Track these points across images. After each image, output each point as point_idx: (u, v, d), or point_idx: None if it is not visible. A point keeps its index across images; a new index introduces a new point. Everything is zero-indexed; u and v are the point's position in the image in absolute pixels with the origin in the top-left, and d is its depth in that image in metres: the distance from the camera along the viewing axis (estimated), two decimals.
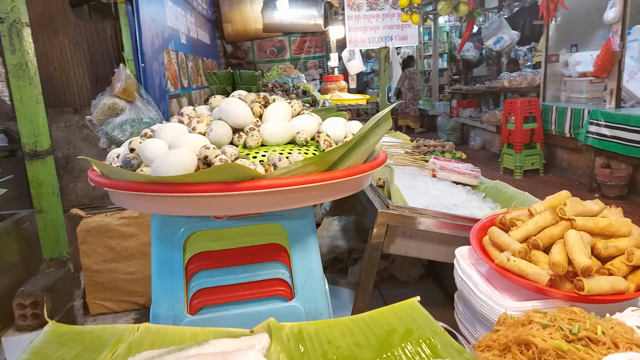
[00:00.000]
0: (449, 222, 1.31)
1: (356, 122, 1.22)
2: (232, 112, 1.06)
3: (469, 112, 8.55)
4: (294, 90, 2.70)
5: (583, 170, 5.77)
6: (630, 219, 1.39)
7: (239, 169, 0.85)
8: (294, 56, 10.31)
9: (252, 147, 1.05)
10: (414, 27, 3.94)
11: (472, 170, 1.91)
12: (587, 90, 6.03)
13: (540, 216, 1.07)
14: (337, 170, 0.93)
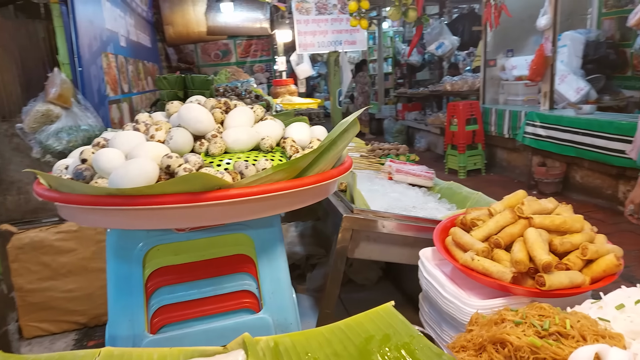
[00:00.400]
0: (412, 224, 1.33)
1: (320, 127, 1.21)
2: (193, 119, 1.01)
3: (414, 115, 8.80)
4: (247, 95, 2.65)
5: (521, 168, 6.10)
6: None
7: (206, 178, 0.81)
8: (240, 60, 10.18)
9: (216, 154, 1.01)
10: (363, 32, 4.00)
11: (426, 172, 1.96)
12: (523, 93, 6.38)
13: (500, 215, 1.11)
14: (307, 177, 0.92)
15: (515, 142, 5.97)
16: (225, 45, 10.19)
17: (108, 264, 0.98)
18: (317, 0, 4.08)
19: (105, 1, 4.07)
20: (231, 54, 10.28)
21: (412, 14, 2.39)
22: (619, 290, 0.86)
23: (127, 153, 0.93)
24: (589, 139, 4.68)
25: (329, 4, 4.05)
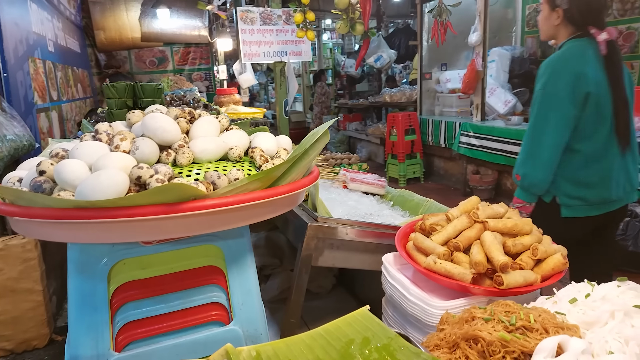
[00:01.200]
0: (373, 231, 1.37)
1: (285, 137, 1.22)
2: (159, 129, 0.99)
3: (355, 126, 9.02)
4: (195, 104, 2.60)
5: (457, 176, 6.44)
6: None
7: (182, 189, 0.80)
8: (177, 67, 9.92)
9: (184, 165, 0.99)
10: (308, 43, 4.06)
11: (379, 180, 2.03)
12: (457, 105, 6.76)
13: (458, 220, 1.18)
14: (281, 186, 0.93)
15: (451, 151, 6.30)
16: (161, 52, 9.90)
17: (70, 281, 0.93)
18: (262, 11, 4.09)
19: (32, 3, 3.84)
20: (168, 61, 9.99)
21: (359, 28, 2.47)
22: (569, 285, 0.95)
23: (90, 164, 0.89)
24: (518, 148, 5.02)
25: (274, 15, 4.08)
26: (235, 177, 0.94)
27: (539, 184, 1.82)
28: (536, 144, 1.79)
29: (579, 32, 1.83)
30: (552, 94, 1.77)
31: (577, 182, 1.84)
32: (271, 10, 4.12)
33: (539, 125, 1.80)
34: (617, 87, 1.80)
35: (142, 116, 1.11)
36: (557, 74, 1.77)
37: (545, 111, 1.78)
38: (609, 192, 1.81)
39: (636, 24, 5.25)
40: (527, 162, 1.81)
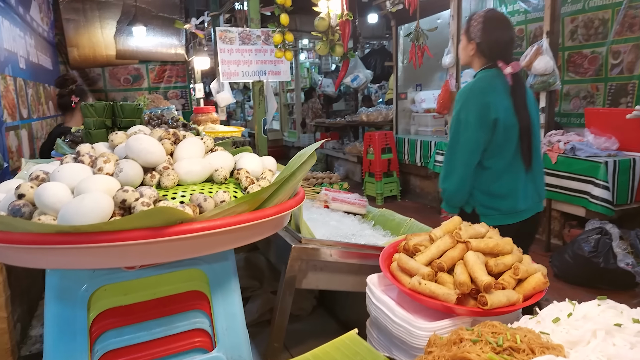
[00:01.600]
0: (357, 252, 1.37)
1: (270, 158, 1.23)
2: (144, 151, 0.98)
3: (332, 144, 9.09)
4: (174, 123, 2.57)
5: (433, 195, 6.54)
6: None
7: (169, 212, 0.79)
8: (153, 85, 9.84)
9: (168, 187, 0.98)
10: (287, 63, 4.09)
11: (360, 200, 2.04)
12: (432, 125, 6.90)
13: (441, 241, 1.20)
14: (268, 208, 0.92)
15: (427, 170, 6.40)
16: (136, 69, 9.81)
17: (48, 307, 0.89)
18: (241, 31, 4.12)
19: (4, 19, 3.77)
20: (143, 79, 9.90)
21: (339, 50, 2.52)
22: (551, 305, 0.97)
23: (73, 187, 0.87)
24: None
25: (253, 35, 4.11)
26: (221, 200, 0.93)
27: (456, 197, 2.12)
28: (452, 163, 2.09)
29: (489, 64, 2.13)
30: (464, 120, 2.05)
31: (490, 194, 2.11)
32: (250, 31, 4.15)
33: (453, 147, 2.09)
34: (521, 114, 2.07)
35: (125, 137, 1.09)
36: (468, 103, 2.06)
37: (458, 135, 2.07)
38: (517, 203, 2.10)
39: (600, 48, 5.50)
40: (446, 179, 2.11)
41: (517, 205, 2.11)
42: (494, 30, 2.13)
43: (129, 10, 8.94)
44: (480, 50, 2.14)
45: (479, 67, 2.19)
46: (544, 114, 4.76)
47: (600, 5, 5.43)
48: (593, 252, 3.71)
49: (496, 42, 2.13)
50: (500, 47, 2.13)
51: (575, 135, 4.50)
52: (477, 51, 2.15)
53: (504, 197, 2.10)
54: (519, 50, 6.69)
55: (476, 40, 2.13)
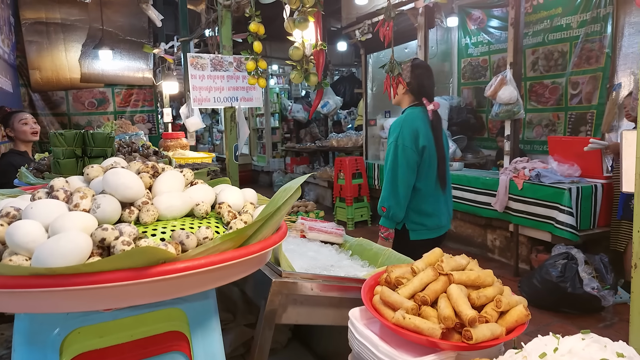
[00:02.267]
0: (338, 285, 1.35)
1: (250, 190, 1.21)
2: (122, 185, 0.94)
3: (303, 169, 9.12)
4: (144, 150, 2.52)
5: None
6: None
7: (151, 252, 0.75)
8: (119, 109, 9.68)
9: (148, 223, 0.94)
10: (259, 90, 4.11)
11: (337, 229, 2.03)
12: None
13: (424, 273, 1.19)
14: (253, 245, 0.90)
15: None
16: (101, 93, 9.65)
17: (16, 353, 0.83)
18: (213, 57, 4.12)
19: None
20: (108, 102, 9.73)
21: (314, 79, 2.54)
22: (536, 339, 0.97)
23: (48, 225, 0.83)
24: (460, 192, 5.27)
25: (225, 62, 4.12)
26: (204, 236, 0.91)
27: (398, 213, 2.47)
28: (394, 183, 2.46)
29: (416, 101, 2.62)
30: (401, 145, 2.46)
31: (419, 212, 2.52)
32: (222, 57, 4.16)
33: (394, 169, 2.48)
34: (439, 144, 2.53)
35: (101, 171, 1.05)
36: (404, 131, 2.48)
37: (397, 158, 2.47)
38: (441, 220, 2.58)
39: (560, 79, 5.79)
40: (390, 198, 2.48)
41: (440, 222, 2.58)
42: (420, 74, 2.63)
43: (95, 34, 8.82)
44: (410, 90, 2.62)
45: (408, 104, 2.66)
46: (509, 141, 4.94)
47: (559, 38, 5.74)
48: (560, 277, 3.82)
49: (422, 83, 2.62)
50: (425, 87, 2.63)
51: (540, 162, 4.67)
52: (407, 90, 2.63)
53: (430, 215, 2.54)
54: (483, 79, 6.97)
55: (406, 80, 2.60)
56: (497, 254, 5.26)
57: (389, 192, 2.49)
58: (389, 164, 2.52)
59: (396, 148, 2.49)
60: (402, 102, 2.71)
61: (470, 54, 7.09)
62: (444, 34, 7.48)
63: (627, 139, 1.02)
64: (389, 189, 2.49)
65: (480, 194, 5.04)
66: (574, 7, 5.52)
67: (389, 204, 2.47)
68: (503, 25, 6.47)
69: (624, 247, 4.08)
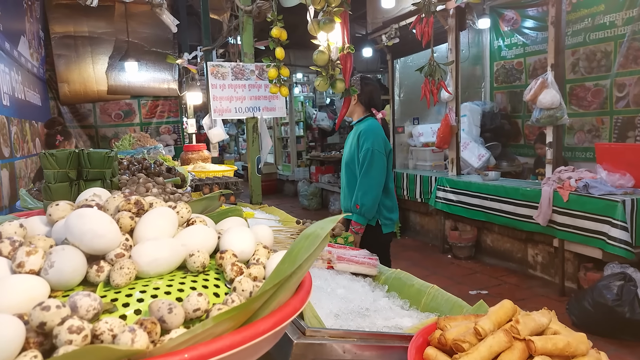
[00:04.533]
0: (376, 345, 1.07)
1: (264, 228, 0.94)
2: (89, 233, 0.69)
3: (327, 178, 8.85)
4: (157, 168, 2.30)
5: (435, 232, 6.24)
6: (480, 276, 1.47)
7: (104, 353, 0.50)
8: (145, 120, 9.66)
9: (121, 285, 0.69)
10: (282, 99, 3.88)
11: (370, 258, 1.75)
12: (431, 159, 6.69)
13: (493, 339, 0.90)
14: (263, 319, 0.63)
15: (427, 206, 6.13)
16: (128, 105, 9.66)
17: None
18: (234, 66, 3.92)
19: None
20: (134, 114, 9.73)
21: (340, 85, 2.29)
22: None
23: None
24: (498, 204, 4.90)
25: (246, 70, 3.90)
26: (195, 308, 0.64)
27: (371, 211, 2.80)
28: (369, 183, 2.78)
29: (367, 112, 2.98)
30: (377, 151, 2.81)
31: (388, 208, 2.93)
32: (243, 65, 3.95)
33: (369, 171, 2.79)
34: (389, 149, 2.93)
35: (69, 209, 0.81)
36: (377, 138, 2.83)
37: (373, 161, 2.79)
38: (398, 215, 3.05)
39: (603, 81, 5.37)
40: (364, 196, 2.77)
41: (397, 217, 3.05)
42: (369, 87, 2.98)
43: (121, 46, 8.84)
44: (360, 101, 2.95)
45: (360, 115, 3.00)
46: (551, 149, 4.55)
47: (602, 37, 5.33)
48: (617, 301, 3.41)
49: (372, 95, 2.98)
50: (374, 99, 2.99)
51: (587, 172, 4.27)
52: (358, 102, 2.95)
53: (394, 210, 2.98)
54: (518, 83, 6.58)
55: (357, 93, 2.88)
56: (539, 270, 4.85)
57: (363, 192, 2.78)
58: (365, 167, 2.79)
59: (373, 153, 2.78)
60: (355, 114, 3.02)
61: (503, 57, 6.71)
62: (475, 37, 7.13)
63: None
64: (363, 189, 2.78)
65: (520, 205, 4.66)
66: (619, 3, 5.10)
67: (363, 202, 2.76)
68: (539, 25, 6.08)
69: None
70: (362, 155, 2.81)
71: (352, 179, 3.03)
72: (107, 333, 0.57)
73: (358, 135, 2.90)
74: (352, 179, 3.03)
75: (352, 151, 2.98)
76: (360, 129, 2.91)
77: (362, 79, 2.99)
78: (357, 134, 2.95)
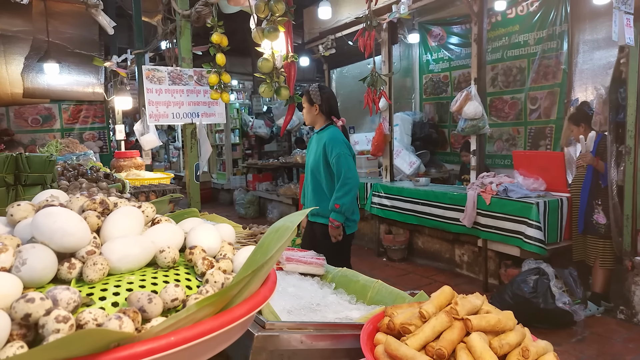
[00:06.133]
0: (331, 334, 1.15)
1: (227, 226, 0.99)
2: (60, 230, 0.71)
3: (265, 186, 8.84)
4: (93, 174, 2.23)
5: (370, 236, 6.47)
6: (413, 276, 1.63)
7: (98, 335, 0.53)
8: (67, 126, 9.12)
9: (94, 281, 0.71)
10: (222, 105, 3.87)
11: (317, 258, 1.82)
12: (366, 166, 6.93)
13: (436, 320, 1.01)
14: (238, 306, 0.68)
15: (363, 211, 6.34)
16: (47, 109, 9.06)
17: None
18: (171, 70, 3.86)
19: None
20: (55, 119, 9.15)
21: (285, 93, 2.36)
22: None
23: None
24: (428, 208, 5.19)
25: (185, 75, 3.86)
26: (173, 298, 0.68)
27: (350, 209, 3.02)
28: (349, 184, 2.98)
29: (328, 121, 3.16)
30: (347, 155, 3.02)
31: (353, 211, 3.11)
32: (181, 70, 3.90)
33: (348, 174, 2.98)
34: None
35: (31, 210, 0.81)
36: (343, 143, 3.04)
37: (349, 164, 3.00)
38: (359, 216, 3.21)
39: (519, 94, 5.89)
40: (344, 196, 2.97)
41: (359, 217, 3.22)
42: (328, 96, 3.14)
43: (40, 46, 8.27)
44: (321, 111, 3.13)
45: (322, 124, 3.17)
46: (475, 156, 4.92)
47: (517, 55, 5.85)
48: (532, 293, 3.76)
49: (330, 104, 3.14)
50: (333, 107, 3.17)
51: (506, 177, 4.66)
52: (320, 111, 3.13)
53: (356, 211, 3.16)
54: (444, 95, 7.02)
55: (317, 103, 3.09)
56: (465, 269, 5.20)
57: (343, 193, 2.97)
58: (342, 171, 2.98)
59: (345, 157, 2.99)
60: (317, 122, 3.18)
61: (431, 70, 7.14)
62: (405, 50, 7.52)
63: None
64: (344, 190, 2.97)
65: (448, 209, 4.98)
66: (531, 24, 5.65)
67: (343, 202, 2.96)
68: (463, 42, 6.56)
69: (592, 261, 4.09)
70: (335, 161, 3.00)
71: (317, 185, 3.19)
72: (91, 322, 0.59)
73: (324, 144, 3.06)
74: (317, 185, 3.19)
75: (317, 158, 3.13)
76: (325, 138, 3.07)
77: (320, 89, 3.13)
78: (321, 142, 3.10)
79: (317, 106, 3.09)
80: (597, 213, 3.97)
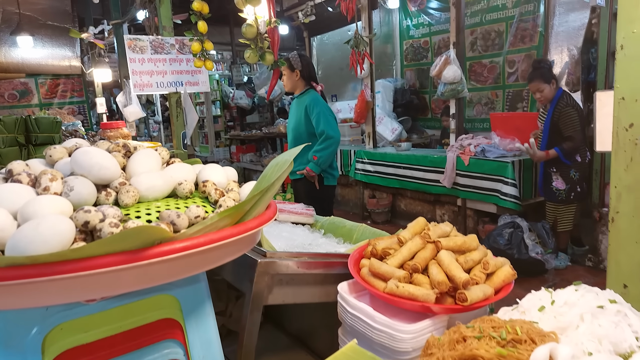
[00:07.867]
0: (323, 262, 1.33)
1: (231, 169, 1.14)
2: (96, 166, 0.85)
3: (249, 157, 8.94)
4: (91, 139, 2.33)
5: (355, 202, 6.68)
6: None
7: (147, 232, 0.68)
8: (45, 101, 8.99)
9: (129, 205, 0.86)
10: (205, 73, 3.94)
11: (307, 209, 1.99)
12: (349, 134, 7.07)
13: (412, 242, 1.19)
14: (250, 221, 0.84)
15: (348, 178, 6.53)
16: (23, 84, 8.91)
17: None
18: (153, 39, 3.89)
19: None
20: (32, 94, 9.01)
21: (269, 57, 2.47)
22: (529, 295, 1.00)
23: (16, 212, 0.73)
24: (410, 171, 5.40)
25: (166, 44, 3.91)
26: (196, 215, 0.84)
27: (326, 163, 3.23)
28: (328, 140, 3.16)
29: (308, 86, 3.34)
30: (330, 114, 3.26)
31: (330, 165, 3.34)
32: (163, 39, 3.94)
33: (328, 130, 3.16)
34: None
35: (65, 152, 0.94)
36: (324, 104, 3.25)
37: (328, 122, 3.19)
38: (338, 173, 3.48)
39: (497, 58, 6.04)
40: (323, 151, 3.16)
41: (338, 174, 3.48)
42: (307, 62, 3.31)
43: (10, 18, 8.07)
44: (302, 76, 3.29)
45: (302, 89, 3.34)
46: (454, 120, 5.10)
47: (495, 18, 5.97)
48: (508, 245, 4.02)
49: (310, 69, 3.33)
50: (312, 73, 3.37)
51: (484, 139, 4.87)
52: (300, 77, 3.28)
53: (335, 168, 3.43)
54: (425, 61, 7.14)
55: (298, 69, 3.25)
56: None
57: (322, 147, 3.16)
58: (326, 127, 3.16)
59: (326, 117, 3.17)
60: (297, 88, 3.34)
61: (412, 36, 7.22)
62: (385, 16, 7.56)
63: (601, 100, 1.06)
64: (324, 145, 3.16)
65: (428, 172, 5.19)
66: None
67: (321, 154, 3.17)
68: (442, 6, 6.63)
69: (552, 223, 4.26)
70: (316, 120, 3.16)
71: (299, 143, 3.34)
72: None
73: (305, 105, 3.23)
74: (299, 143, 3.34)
75: (298, 120, 3.31)
76: (306, 101, 3.24)
77: (300, 56, 3.29)
78: (302, 104, 3.27)
79: (297, 72, 3.24)
80: (555, 180, 4.09)
